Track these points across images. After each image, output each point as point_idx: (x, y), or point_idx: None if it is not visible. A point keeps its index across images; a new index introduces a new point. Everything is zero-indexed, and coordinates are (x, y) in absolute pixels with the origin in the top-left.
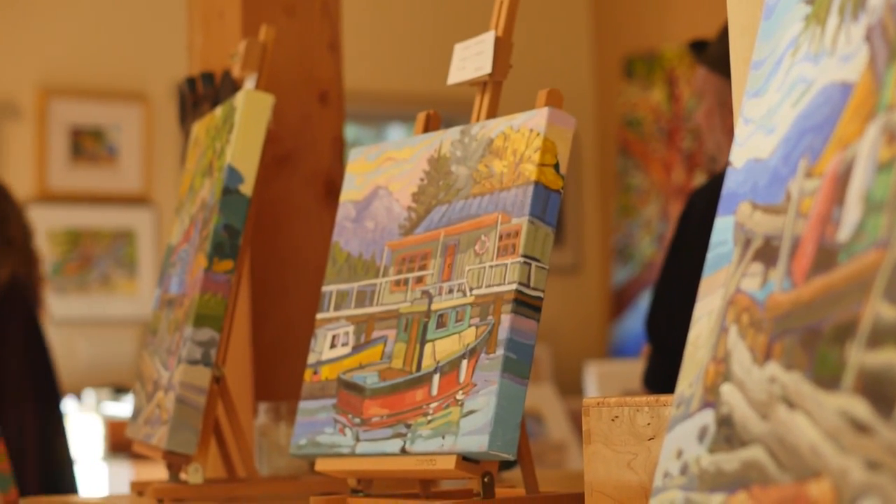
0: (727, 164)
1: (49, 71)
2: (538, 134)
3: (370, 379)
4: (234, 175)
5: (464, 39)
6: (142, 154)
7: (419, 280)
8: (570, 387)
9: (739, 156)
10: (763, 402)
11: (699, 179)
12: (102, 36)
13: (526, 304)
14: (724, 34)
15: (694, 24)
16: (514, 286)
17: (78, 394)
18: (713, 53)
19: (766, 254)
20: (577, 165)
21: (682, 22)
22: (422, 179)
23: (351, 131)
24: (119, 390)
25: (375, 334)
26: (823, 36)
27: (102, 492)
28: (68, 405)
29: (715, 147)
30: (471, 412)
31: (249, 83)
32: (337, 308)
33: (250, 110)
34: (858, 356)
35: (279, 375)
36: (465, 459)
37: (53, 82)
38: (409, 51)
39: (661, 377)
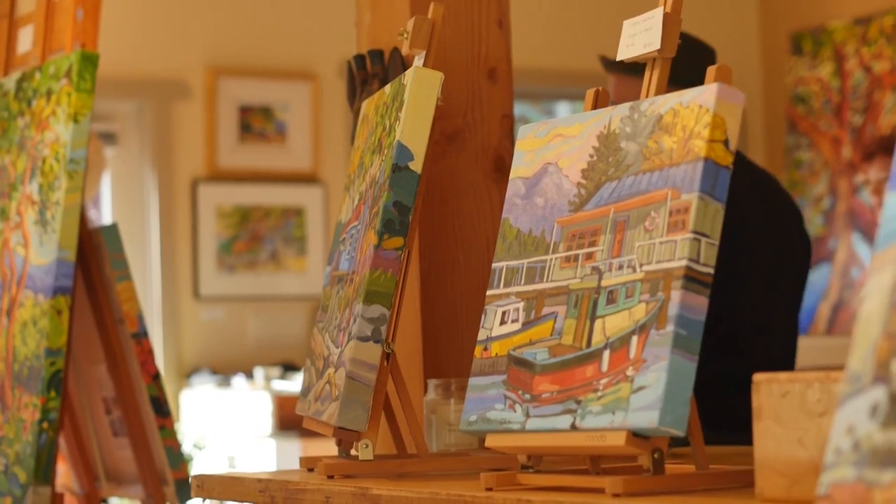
0: None
1: (218, 50)
2: (707, 110)
3: (540, 355)
4: (403, 152)
5: (632, 16)
6: (310, 132)
7: (589, 256)
8: None
9: None
10: None
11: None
12: (271, 15)
13: (696, 280)
14: None
15: (862, 0)
16: (684, 262)
17: (248, 371)
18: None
19: None
20: (745, 141)
21: None
22: (591, 156)
23: (518, 109)
24: (288, 367)
25: (545, 310)
26: None
27: (272, 467)
28: (239, 383)
29: None
30: (641, 388)
31: (418, 60)
32: (507, 284)
33: (419, 87)
34: None
35: (449, 352)
36: (636, 435)
37: (222, 61)
38: (578, 28)
39: None
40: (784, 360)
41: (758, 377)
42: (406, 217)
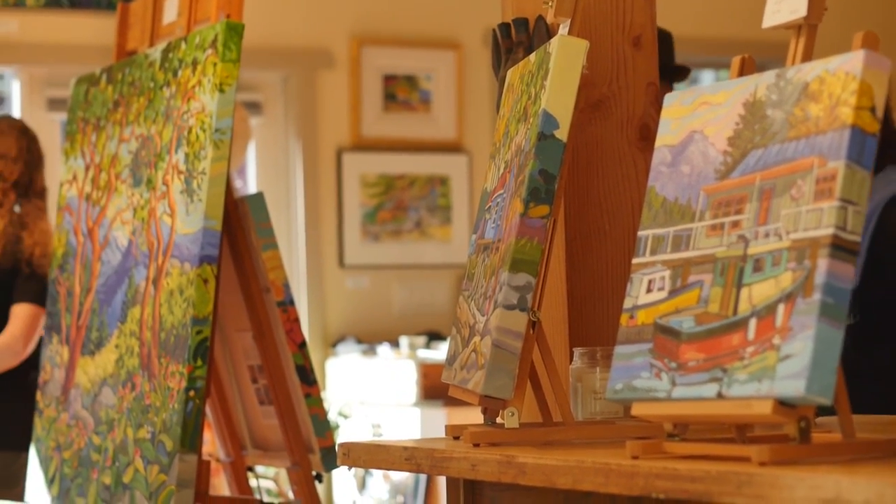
0: None
1: (362, 20)
2: (854, 77)
3: (686, 323)
4: (549, 120)
5: None
6: (454, 101)
7: (735, 224)
8: None
9: None
10: None
11: None
12: None
13: (843, 248)
14: None
15: None
16: (830, 230)
17: (393, 340)
18: None
19: None
20: (891, 109)
21: None
22: (737, 123)
23: None
24: (433, 336)
25: (692, 279)
26: None
27: (417, 436)
28: (384, 351)
29: None
30: (787, 356)
31: (563, 29)
32: (653, 253)
33: (565, 56)
34: None
35: (594, 320)
36: (782, 404)
37: (367, 31)
38: None
39: None
40: None
41: None
42: (552, 185)
